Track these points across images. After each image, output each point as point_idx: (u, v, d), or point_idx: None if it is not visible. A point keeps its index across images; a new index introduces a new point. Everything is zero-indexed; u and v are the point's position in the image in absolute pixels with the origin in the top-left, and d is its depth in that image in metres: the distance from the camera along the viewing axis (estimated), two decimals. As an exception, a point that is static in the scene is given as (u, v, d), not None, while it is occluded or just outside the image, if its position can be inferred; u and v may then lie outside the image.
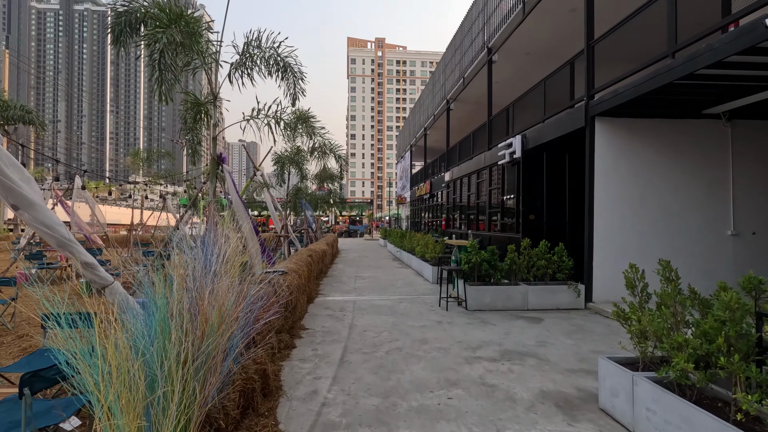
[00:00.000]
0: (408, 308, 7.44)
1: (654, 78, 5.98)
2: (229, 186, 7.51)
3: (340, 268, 14.06)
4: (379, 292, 9.11)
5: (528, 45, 12.42)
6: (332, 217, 47.24)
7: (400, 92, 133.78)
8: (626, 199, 7.64)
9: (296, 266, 6.86)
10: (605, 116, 7.57)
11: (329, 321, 6.51)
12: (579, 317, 6.85)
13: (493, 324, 6.34)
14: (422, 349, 5.07)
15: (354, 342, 5.37)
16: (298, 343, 5.29)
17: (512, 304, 7.35)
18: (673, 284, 2.98)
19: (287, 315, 5.39)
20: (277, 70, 5.68)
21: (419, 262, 12.16)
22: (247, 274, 3.84)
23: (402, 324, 6.31)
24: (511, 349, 5.05)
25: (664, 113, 7.62)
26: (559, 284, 7.58)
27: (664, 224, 7.67)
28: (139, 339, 1.81)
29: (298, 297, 6.01)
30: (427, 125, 24.09)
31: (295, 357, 4.75)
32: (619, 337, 5.66)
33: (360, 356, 4.79)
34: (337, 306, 7.63)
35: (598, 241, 7.57)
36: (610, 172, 7.61)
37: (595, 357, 4.77)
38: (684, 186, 7.72)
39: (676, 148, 7.73)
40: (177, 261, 2.55)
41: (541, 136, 9.58)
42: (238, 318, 2.47)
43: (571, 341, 5.44)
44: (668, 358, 2.89)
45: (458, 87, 16.87)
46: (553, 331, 5.92)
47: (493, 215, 12.79)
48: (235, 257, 3.23)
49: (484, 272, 7.45)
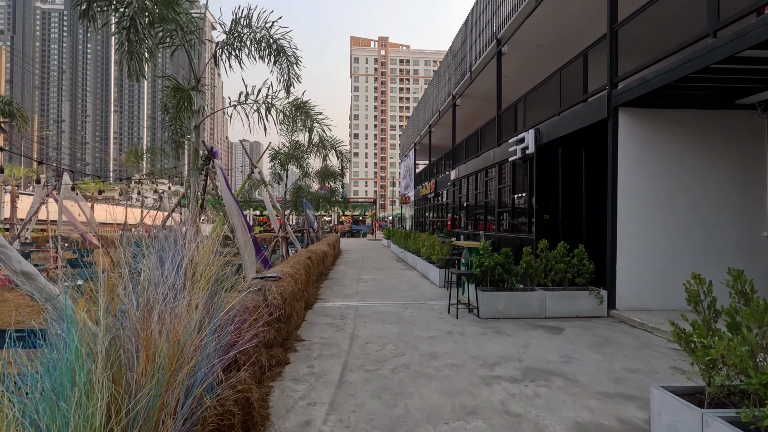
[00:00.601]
0: (414, 316, 6.84)
1: (690, 61, 5.35)
2: (221, 183, 6.94)
3: (342, 269, 13.48)
4: (383, 297, 8.52)
5: (539, 36, 11.79)
6: (335, 216, 46.68)
7: (403, 91, 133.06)
8: (652, 197, 7.01)
9: (292, 270, 6.28)
10: (629, 107, 6.94)
11: (328, 330, 5.93)
12: (602, 326, 6.23)
13: (509, 335, 5.73)
14: (432, 365, 4.48)
15: (355, 356, 4.78)
16: (293, 358, 4.71)
17: (528, 311, 6.74)
18: (755, 300, 2.36)
19: (280, 327, 4.81)
20: (269, 54, 5.09)
21: (425, 263, 11.56)
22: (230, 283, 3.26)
23: (408, 334, 5.71)
24: (533, 367, 4.45)
25: (693, 103, 6.99)
26: (579, 290, 6.96)
27: (693, 224, 7.03)
28: (31, 404, 1.22)
29: (293, 305, 5.43)
30: (431, 122, 23.47)
31: (288, 376, 4.17)
32: (652, 351, 5.05)
33: (362, 375, 4.21)
34: (337, 313, 7.05)
35: (622, 242, 6.94)
36: (634, 168, 6.98)
37: (631, 377, 4.16)
38: (715, 183, 7.07)
39: (706, 141, 7.08)
40: (121, 273, 1.97)
41: (556, 130, 8.96)
42: (200, 348, 1.89)
43: (599, 356, 4.82)
44: (751, 393, 2.28)
45: (465, 81, 16.24)
46: (577, 344, 5.31)
47: (503, 215, 12.17)
48: (208, 265, 2.65)
49: (498, 277, 6.85)
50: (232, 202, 6.82)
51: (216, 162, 7.05)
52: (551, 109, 9.60)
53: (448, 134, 20.25)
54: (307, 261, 7.86)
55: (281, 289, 4.94)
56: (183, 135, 5.95)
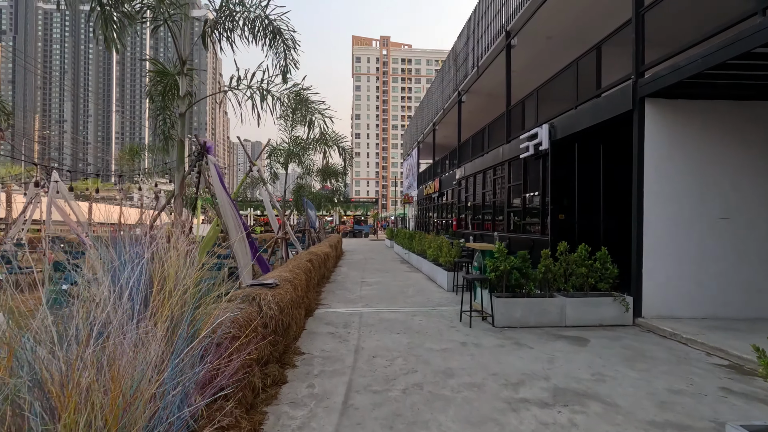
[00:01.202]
0: (424, 324, 6.32)
1: (733, 44, 4.81)
2: (214, 180, 6.43)
3: (345, 271, 12.96)
4: (389, 302, 7.99)
5: (551, 28, 11.25)
6: (336, 216, 46.18)
7: (405, 91, 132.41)
8: (682, 196, 6.46)
9: (291, 275, 5.76)
10: (657, 97, 6.40)
11: (331, 342, 5.41)
12: (630, 337, 5.70)
13: (530, 347, 5.20)
14: (448, 385, 3.96)
15: (361, 373, 4.27)
16: (291, 375, 4.19)
17: (547, 319, 6.21)
18: None
19: (277, 340, 4.29)
20: (264, 36, 4.58)
21: (431, 266, 11.03)
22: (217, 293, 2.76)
23: (419, 346, 5.19)
24: (563, 387, 3.92)
25: (728, 93, 6.44)
26: (601, 296, 6.43)
27: (726, 225, 6.48)
28: None
29: (292, 314, 4.91)
30: (436, 120, 22.92)
31: (285, 398, 3.65)
32: (693, 367, 4.51)
33: (369, 397, 3.69)
34: (340, 320, 6.53)
35: (649, 244, 6.40)
36: (662, 163, 6.44)
37: (678, 401, 3.63)
38: (750, 180, 6.52)
39: (741, 135, 6.54)
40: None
41: (572, 125, 8.41)
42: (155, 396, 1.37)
43: (636, 374, 4.29)
44: None
45: (471, 77, 15.70)
46: (607, 358, 4.78)
47: (514, 215, 11.63)
48: (185, 274, 2.14)
49: (514, 282, 6.32)
50: (227, 202, 6.30)
51: (209, 158, 6.54)
52: (567, 102, 9.06)
53: (453, 132, 19.70)
54: (307, 264, 7.34)
55: (278, 297, 4.42)
56: (173, 125, 5.43)
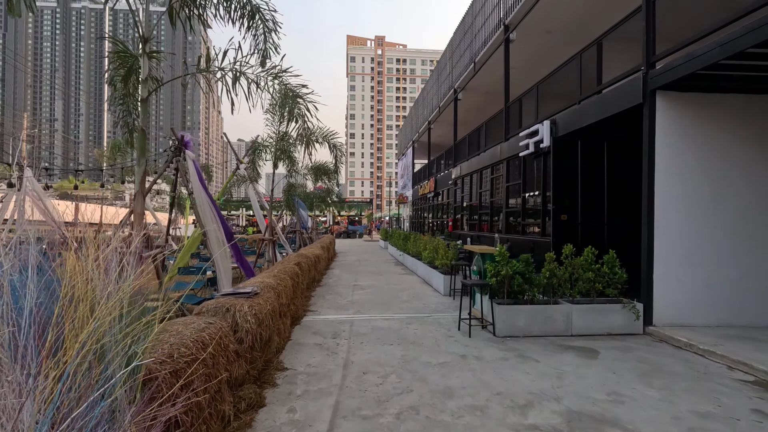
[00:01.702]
0: (420, 333, 5.85)
1: (757, 30, 4.40)
2: (193, 178, 5.93)
3: (337, 274, 12.47)
4: (382, 308, 7.52)
5: (551, 21, 10.84)
6: (330, 217, 45.60)
7: (400, 91, 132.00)
8: (694, 195, 6.06)
9: (276, 281, 5.27)
10: (668, 90, 5.99)
11: (318, 355, 4.92)
12: (642, 348, 5.27)
13: (536, 359, 4.76)
14: (448, 408, 3.49)
15: (350, 394, 3.79)
16: (270, 396, 3.70)
17: (552, 328, 5.77)
18: None
19: (255, 357, 3.81)
20: (241, 16, 4.10)
21: (426, 268, 10.58)
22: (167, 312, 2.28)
23: (414, 360, 4.72)
24: (577, 410, 3.47)
25: (745, 86, 6.04)
26: (609, 302, 6.01)
27: (742, 227, 6.08)
28: None
29: (273, 327, 4.42)
30: (431, 119, 22.49)
31: (261, 426, 3.17)
32: (717, 384, 4.09)
33: (357, 425, 3.21)
34: (329, 330, 6.04)
35: (660, 247, 5.99)
36: (674, 161, 6.03)
37: (709, 428, 3.19)
38: (766, 179, 6.14)
39: (758, 131, 6.14)
40: None
41: (575, 121, 7.99)
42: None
43: (656, 393, 3.85)
44: None
45: (468, 73, 15.27)
46: (621, 373, 4.34)
47: (512, 215, 11.21)
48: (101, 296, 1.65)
49: (517, 288, 5.87)
50: (206, 202, 5.81)
51: (187, 153, 6.05)
52: (569, 98, 8.65)
53: (449, 131, 19.26)
54: (295, 268, 6.85)
55: (257, 308, 3.93)
56: (138, 115, 4.91)
